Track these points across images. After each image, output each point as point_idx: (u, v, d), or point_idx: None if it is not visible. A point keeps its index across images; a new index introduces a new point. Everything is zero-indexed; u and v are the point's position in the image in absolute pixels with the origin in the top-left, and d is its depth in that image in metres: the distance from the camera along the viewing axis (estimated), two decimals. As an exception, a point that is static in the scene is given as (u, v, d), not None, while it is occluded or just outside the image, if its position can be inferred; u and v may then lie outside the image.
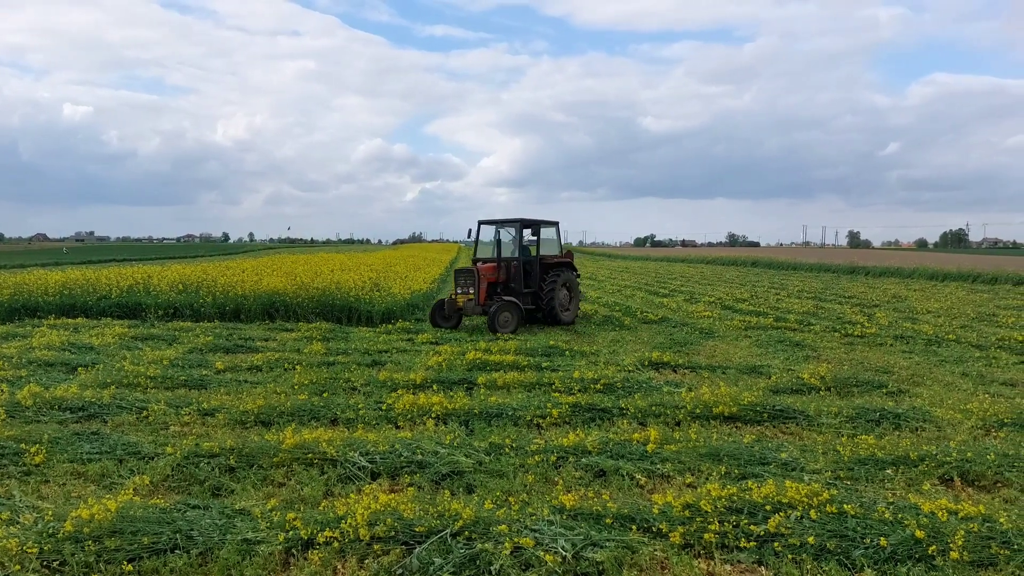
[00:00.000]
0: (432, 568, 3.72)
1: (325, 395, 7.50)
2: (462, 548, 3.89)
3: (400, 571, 3.74)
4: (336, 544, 3.94)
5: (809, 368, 9.15)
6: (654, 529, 4.17)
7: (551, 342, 11.25)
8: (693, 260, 58.53)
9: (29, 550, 3.73)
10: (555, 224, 14.76)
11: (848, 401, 7.47)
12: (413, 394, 7.35)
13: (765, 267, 45.53)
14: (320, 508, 4.49)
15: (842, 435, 6.22)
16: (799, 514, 4.24)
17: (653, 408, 6.95)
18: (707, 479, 5.04)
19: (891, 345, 11.71)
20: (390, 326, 13.74)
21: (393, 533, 4.03)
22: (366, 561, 3.84)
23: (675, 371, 9.39)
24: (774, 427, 6.66)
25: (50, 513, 4.16)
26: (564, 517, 4.29)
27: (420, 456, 5.42)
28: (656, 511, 4.34)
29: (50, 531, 3.93)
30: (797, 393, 7.94)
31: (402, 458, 5.40)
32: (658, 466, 5.37)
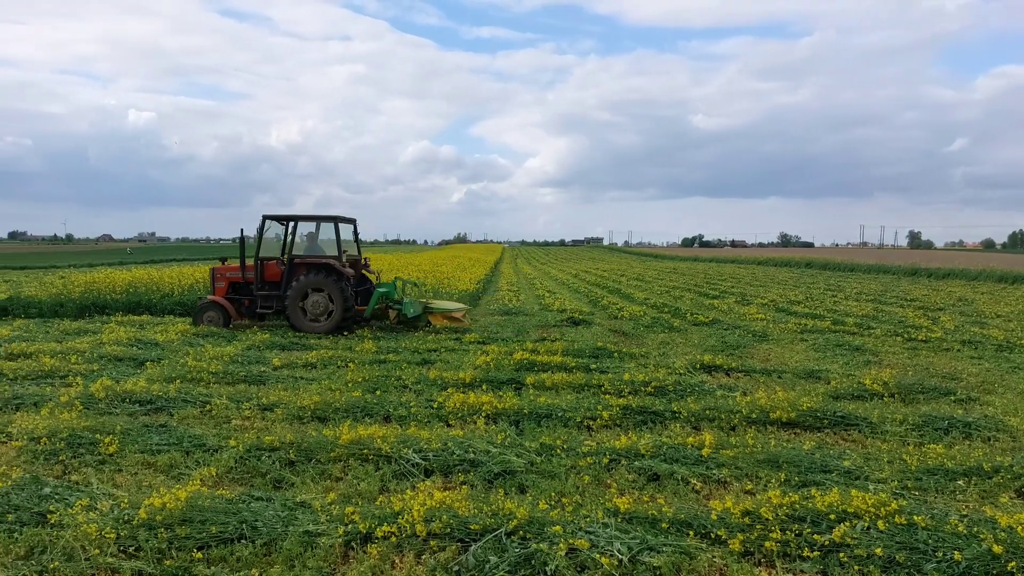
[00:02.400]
0: (488, 566, 3.74)
1: (378, 392, 7.62)
2: (517, 547, 3.90)
3: (456, 568, 3.77)
4: (393, 539, 4.00)
5: (871, 373, 8.86)
6: (712, 535, 4.11)
7: (599, 343, 11.18)
8: (744, 261, 57.39)
9: (107, 535, 3.90)
10: (333, 219, 12.95)
11: (913, 408, 7.21)
12: (463, 393, 7.40)
13: (820, 268, 44.33)
14: (377, 503, 4.57)
15: (908, 443, 6.01)
16: (865, 524, 4.11)
17: (707, 412, 6.84)
18: (766, 486, 4.94)
19: (958, 350, 11.25)
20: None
21: (449, 530, 4.07)
22: (423, 557, 3.89)
23: (728, 375, 9.22)
24: (835, 434, 6.48)
25: (125, 501, 4.34)
26: (619, 520, 4.26)
27: (472, 455, 5.46)
28: (714, 517, 4.27)
29: (125, 518, 4.10)
30: (858, 399, 7.70)
31: (454, 456, 5.45)
32: (714, 471, 5.28)
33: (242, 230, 13.04)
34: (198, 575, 3.68)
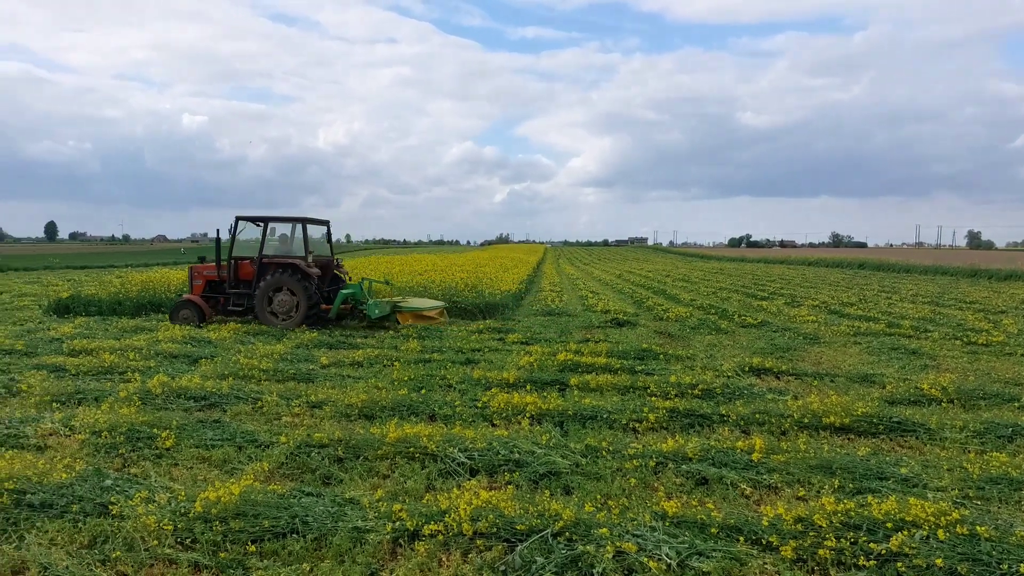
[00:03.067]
0: (535, 567, 3.74)
1: (423, 391, 7.69)
2: (563, 549, 3.88)
3: (503, 568, 3.78)
4: (440, 537, 4.03)
5: (928, 378, 8.55)
6: (763, 542, 4.02)
7: (644, 345, 11.06)
8: (793, 261, 56.08)
9: (165, 527, 4.03)
10: (302, 221, 13.24)
11: (974, 415, 6.92)
12: (507, 393, 7.41)
13: (874, 269, 43.01)
14: (424, 501, 4.61)
15: (969, 451, 5.79)
16: (925, 534, 3.97)
17: (756, 416, 6.70)
18: (819, 492, 4.81)
19: (1022, 355, 10.77)
20: (481, 324, 13.94)
21: (495, 530, 4.08)
22: (470, 555, 3.91)
23: (778, 378, 9.01)
24: (891, 440, 6.27)
25: (182, 494, 4.48)
26: (667, 524, 4.21)
27: (517, 455, 5.46)
28: (765, 523, 4.18)
29: (182, 510, 4.23)
30: (916, 404, 7.44)
31: (499, 456, 5.46)
32: (764, 476, 5.16)
33: (218, 230, 13.51)
34: (252, 568, 3.77)
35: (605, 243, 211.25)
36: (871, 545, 3.88)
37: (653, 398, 7.46)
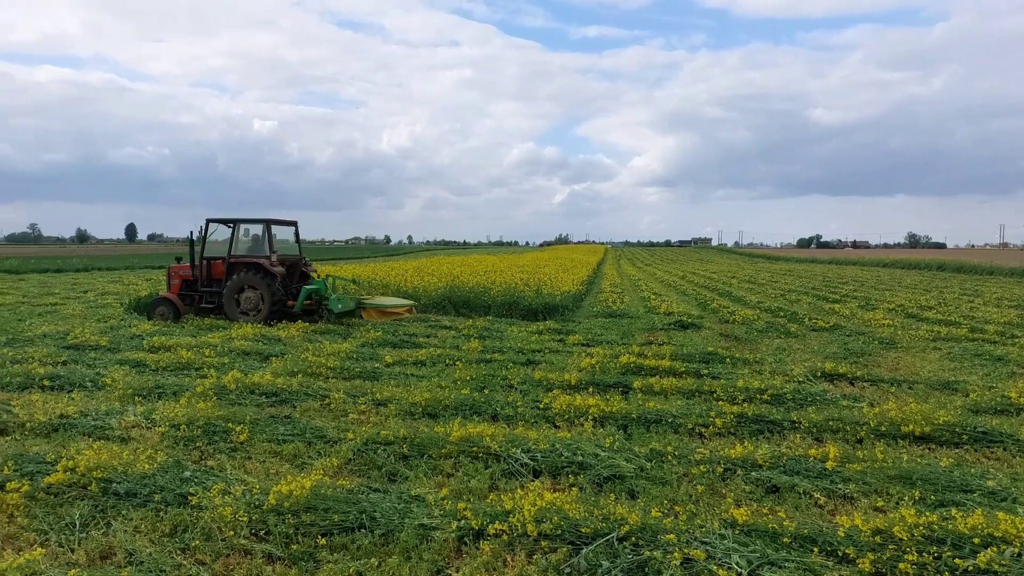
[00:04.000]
0: (600, 571, 3.70)
1: (485, 391, 7.73)
2: (629, 553, 3.83)
3: (568, 570, 3.76)
4: (505, 537, 4.04)
5: (1016, 386, 8.06)
6: (839, 553, 3.86)
7: (710, 348, 10.82)
8: (867, 263, 53.83)
9: (240, 518, 4.18)
10: (267, 222, 13.93)
11: (1070, 426, 6.48)
12: (568, 395, 7.38)
13: (954, 271, 40.87)
14: (487, 501, 4.63)
15: (1065, 465, 5.41)
16: (1016, 551, 3.73)
17: (830, 423, 6.45)
18: (898, 504, 4.60)
19: (1123, 364, 10.01)
20: (541, 325, 13.93)
21: (559, 532, 4.06)
22: (535, 557, 3.90)
23: (852, 384, 8.66)
24: (975, 451, 5.93)
25: (256, 487, 4.64)
26: (736, 532, 4.10)
27: (580, 457, 5.43)
28: (841, 534, 4.01)
29: (256, 503, 4.38)
30: (1002, 414, 7.02)
31: (562, 458, 5.43)
32: (839, 486, 4.97)
33: (192, 232, 14.12)
34: (322, 561, 3.87)
35: (667, 244, 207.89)
36: (956, 561, 3.68)
37: (720, 402, 7.29)
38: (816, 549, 3.89)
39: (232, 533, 4.09)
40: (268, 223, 13.97)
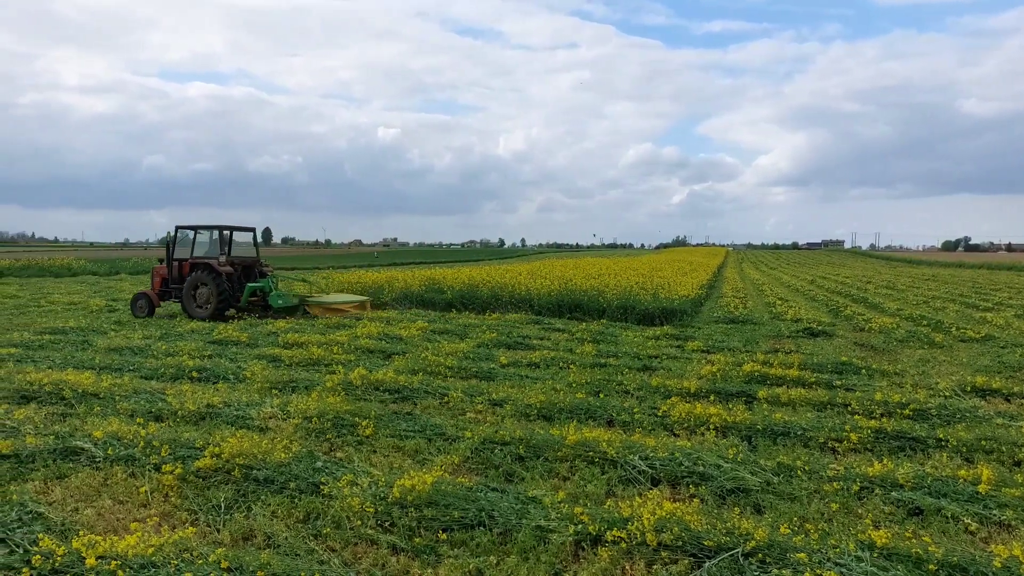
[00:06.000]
0: (724, 587, 3.55)
1: (600, 396, 7.65)
2: (756, 570, 3.66)
3: (690, 584, 3.63)
4: (623, 544, 3.97)
5: None
6: (996, 587, 3.49)
7: (843, 358, 10.14)
8: None
9: (367, 509, 4.38)
10: (223, 228, 15.93)
11: None
12: (688, 403, 7.15)
13: None
14: (604, 506, 4.56)
15: None
16: None
17: (982, 443, 5.87)
18: (1069, 537, 4.08)
19: None
20: (658, 330, 13.62)
21: (680, 543, 3.94)
22: (654, 567, 3.81)
23: (1008, 400, 7.82)
24: None
25: (382, 480, 4.84)
26: (874, 555, 3.81)
27: (701, 468, 5.24)
28: (998, 564, 3.63)
29: (381, 495, 4.57)
30: None
31: (682, 467, 5.27)
32: (994, 512, 4.50)
33: (168, 233, 16.08)
34: (443, 555, 3.97)
35: (794, 246, 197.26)
36: None
37: (855, 416, 6.81)
38: (969, 581, 3.54)
39: (360, 523, 4.28)
40: (222, 229, 16.06)
